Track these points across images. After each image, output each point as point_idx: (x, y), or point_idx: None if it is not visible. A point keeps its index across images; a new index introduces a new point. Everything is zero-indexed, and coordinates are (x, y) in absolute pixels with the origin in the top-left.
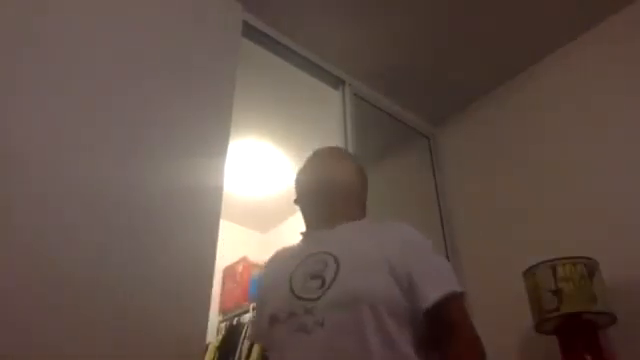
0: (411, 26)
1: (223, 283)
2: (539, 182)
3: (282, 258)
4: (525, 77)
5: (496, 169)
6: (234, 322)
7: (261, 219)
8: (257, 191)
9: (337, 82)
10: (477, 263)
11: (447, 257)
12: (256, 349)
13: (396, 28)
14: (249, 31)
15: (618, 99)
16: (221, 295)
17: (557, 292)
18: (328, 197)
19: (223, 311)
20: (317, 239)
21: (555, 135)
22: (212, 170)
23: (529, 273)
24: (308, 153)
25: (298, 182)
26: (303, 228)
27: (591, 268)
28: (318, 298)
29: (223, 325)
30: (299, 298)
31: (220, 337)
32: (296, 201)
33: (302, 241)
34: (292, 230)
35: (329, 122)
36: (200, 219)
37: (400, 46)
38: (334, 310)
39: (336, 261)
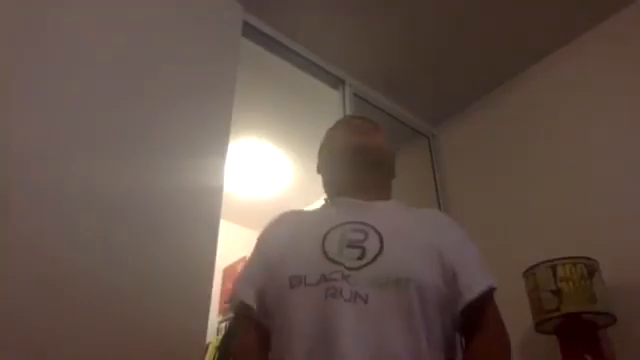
0: (411, 26)
1: (223, 283)
2: (539, 182)
3: (302, 221)
4: (525, 77)
5: (496, 169)
6: None
7: (261, 219)
8: (257, 191)
9: (337, 82)
10: None
11: None
12: None
13: (396, 28)
14: (249, 31)
15: (619, 99)
16: (221, 295)
17: (557, 292)
18: (374, 162)
19: (223, 311)
20: (351, 208)
21: (555, 135)
22: (212, 170)
23: (529, 273)
24: (308, 153)
25: (333, 140)
26: None
27: (591, 268)
28: (359, 268)
29: (223, 325)
30: (334, 262)
31: (220, 337)
32: (320, 168)
33: (329, 207)
34: None
35: (329, 122)
36: (200, 219)
37: (400, 46)
38: (380, 287)
39: (379, 235)
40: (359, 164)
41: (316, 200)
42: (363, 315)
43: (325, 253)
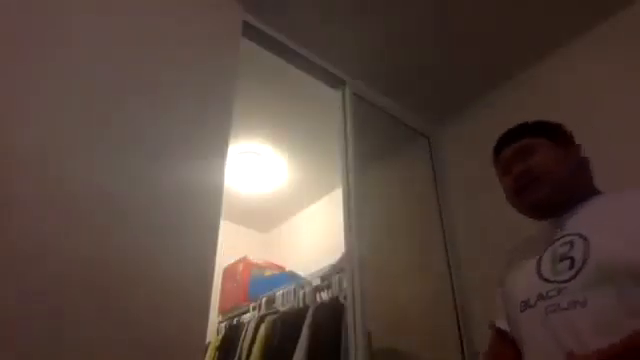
0: (411, 26)
1: (223, 283)
2: None
3: (522, 250)
4: (525, 77)
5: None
6: (234, 322)
7: (261, 219)
8: (257, 191)
9: (337, 82)
10: (478, 263)
11: (447, 257)
12: (257, 348)
13: (396, 28)
14: (249, 31)
15: (618, 99)
16: (221, 295)
17: None
18: (538, 195)
19: (223, 311)
20: (553, 227)
21: None
22: (212, 170)
23: None
24: (308, 153)
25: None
26: (304, 226)
27: None
28: (571, 279)
29: (223, 325)
30: (549, 281)
31: (220, 337)
32: None
33: (539, 232)
34: (292, 230)
35: (329, 122)
36: (200, 219)
37: (400, 46)
38: (595, 289)
39: (583, 239)
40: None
41: (319, 200)
42: (584, 318)
43: (541, 275)
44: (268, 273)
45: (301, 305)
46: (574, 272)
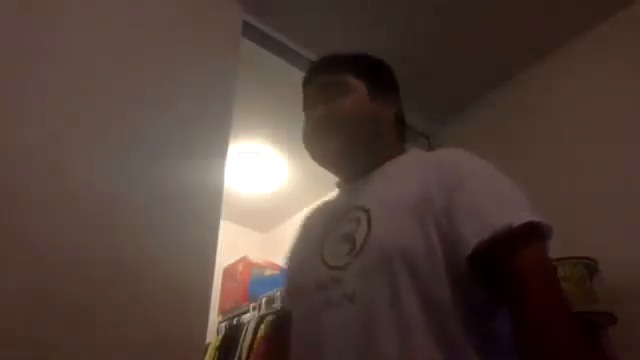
0: (411, 26)
1: (223, 283)
2: (539, 182)
3: (319, 215)
4: (525, 77)
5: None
6: (234, 322)
7: (261, 219)
8: (257, 191)
9: None
10: None
11: None
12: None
13: (395, 28)
14: (249, 31)
15: (618, 99)
16: (221, 295)
17: None
18: (333, 134)
19: (223, 311)
20: (351, 193)
21: (555, 135)
22: (212, 170)
23: None
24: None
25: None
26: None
27: (591, 268)
28: (346, 266)
29: (223, 325)
30: (328, 267)
31: (220, 337)
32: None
33: (338, 196)
34: (292, 230)
35: None
36: (200, 219)
37: (399, 46)
38: (366, 279)
39: (367, 215)
40: (322, 144)
41: (319, 200)
42: (348, 318)
43: (322, 257)
44: (268, 273)
45: None
46: (350, 258)
